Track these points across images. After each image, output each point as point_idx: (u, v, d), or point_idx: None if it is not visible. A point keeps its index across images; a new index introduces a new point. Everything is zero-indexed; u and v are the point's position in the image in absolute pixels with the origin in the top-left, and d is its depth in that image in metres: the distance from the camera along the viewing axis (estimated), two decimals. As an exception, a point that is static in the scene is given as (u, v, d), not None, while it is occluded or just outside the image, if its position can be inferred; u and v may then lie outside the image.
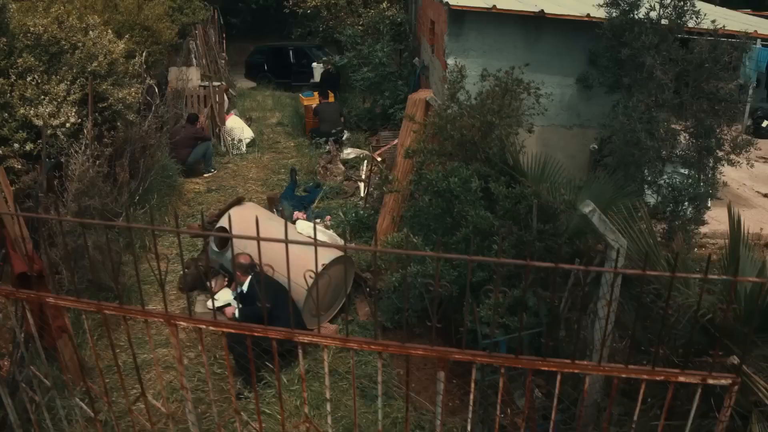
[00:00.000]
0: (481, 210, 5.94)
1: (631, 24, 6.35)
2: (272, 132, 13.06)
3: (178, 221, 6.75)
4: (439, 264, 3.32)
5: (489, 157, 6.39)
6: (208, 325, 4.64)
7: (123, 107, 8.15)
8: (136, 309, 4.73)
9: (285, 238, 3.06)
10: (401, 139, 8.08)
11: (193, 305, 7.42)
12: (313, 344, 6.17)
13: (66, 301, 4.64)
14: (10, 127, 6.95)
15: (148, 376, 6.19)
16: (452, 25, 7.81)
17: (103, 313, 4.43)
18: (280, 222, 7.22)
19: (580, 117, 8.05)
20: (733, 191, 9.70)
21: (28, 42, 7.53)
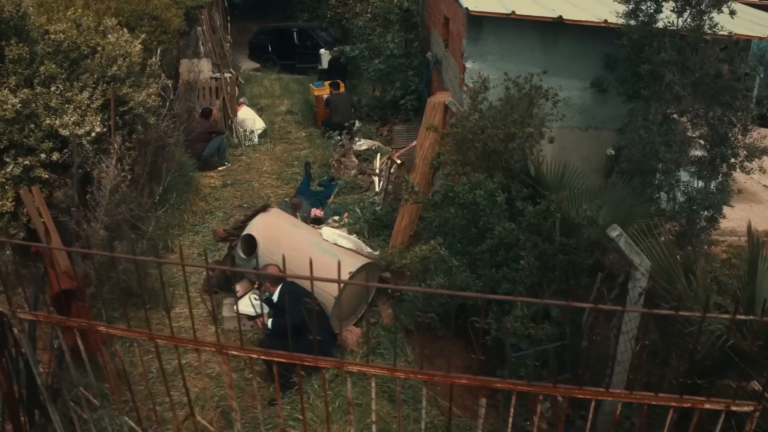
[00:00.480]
0: (506, 222, 6.16)
1: (650, 38, 6.50)
2: (283, 121, 13.18)
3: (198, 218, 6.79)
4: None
5: (511, 166, 6.59)
6: (259, 356, 4.90)
7: (143, 110, 8.27)
8: (189, 339, 4.99)
9: (338, 279, 3.29)
10: (420, 141, 8.25)
11: (219, 308, 7.66)
12: (344, 347, 6.45)
13: (117, 330, 4.89)
14: (36, 137, 7.08)
15: (194, 390, 6.36)
16: (471, 29, 7.92)
17: (155, 342, 4.69)
18: (307, 229, 7.43)
19: (595, 119, 8.23)
20: (740, 185, 9.93)
21: (48, 49, 7.60)
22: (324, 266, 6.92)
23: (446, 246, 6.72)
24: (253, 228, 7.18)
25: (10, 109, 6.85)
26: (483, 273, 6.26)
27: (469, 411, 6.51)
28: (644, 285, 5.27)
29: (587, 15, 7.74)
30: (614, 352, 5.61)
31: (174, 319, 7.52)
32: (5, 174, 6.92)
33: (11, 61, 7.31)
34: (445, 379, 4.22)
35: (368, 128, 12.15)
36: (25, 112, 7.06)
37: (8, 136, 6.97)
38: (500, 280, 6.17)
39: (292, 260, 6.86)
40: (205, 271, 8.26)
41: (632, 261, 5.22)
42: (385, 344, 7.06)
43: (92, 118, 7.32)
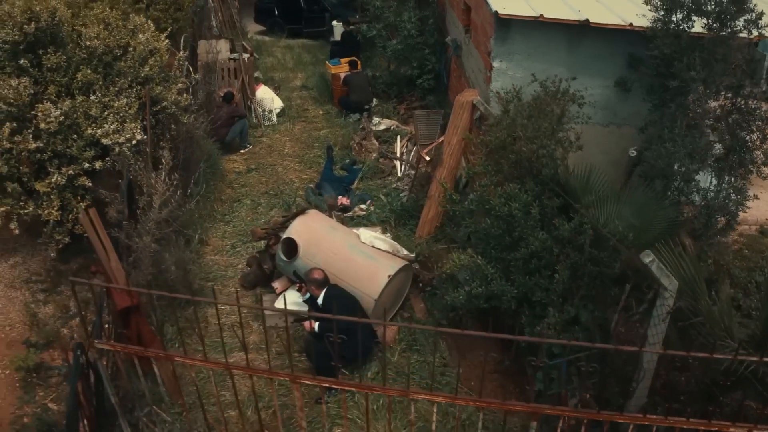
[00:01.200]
0: (539, 233, 6.57)
1: (680, 52, 6.80)
2: (299, 97, 13.38)
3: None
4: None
5: (542, 175, 6.95)
6: (330, 384, 5.40)
7: (176, 109, 8.51)
8: (263, 369, 5.48)
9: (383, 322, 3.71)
10: (447, 137, 8.58)
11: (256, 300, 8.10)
12: (382, 348, 6.93)
13: (194, 360, 5.36)
14: (78, 146, 7.36)
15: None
16: (499, 30, 8.15)
17: (230, 372, 5.18)
18: (344, 231, 7.82)
19: (616, 116, 8.55)
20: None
21: (83, 54, 7.78)
22: (363, 269, 7.41)
23: (480, 251, 7.17)
24: (294, 231, 7.56)
25: (54, 122, 7.11)
26: (517, 280, 6.70)
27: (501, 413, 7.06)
28: (671, 304, 5.74)
29: (613, 16, 7.97)
30: (641, 360, 6.11)
31: (214, 316, 7.97)
32: (50, 183, 7.24)
33: (49, 70, 7.52)
34: (501, 406, 4.74)
35: (385, 107, 12.38)
36: (67, 123, 7.31)
37: (51, 147, 7.26)
38: (533, 287, 6.62)
39: (332, 263, 7.39)
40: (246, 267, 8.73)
41: (662, 283, 5.66)
42: (421, 340, 7.58)
43: (131, 125, 7.58)
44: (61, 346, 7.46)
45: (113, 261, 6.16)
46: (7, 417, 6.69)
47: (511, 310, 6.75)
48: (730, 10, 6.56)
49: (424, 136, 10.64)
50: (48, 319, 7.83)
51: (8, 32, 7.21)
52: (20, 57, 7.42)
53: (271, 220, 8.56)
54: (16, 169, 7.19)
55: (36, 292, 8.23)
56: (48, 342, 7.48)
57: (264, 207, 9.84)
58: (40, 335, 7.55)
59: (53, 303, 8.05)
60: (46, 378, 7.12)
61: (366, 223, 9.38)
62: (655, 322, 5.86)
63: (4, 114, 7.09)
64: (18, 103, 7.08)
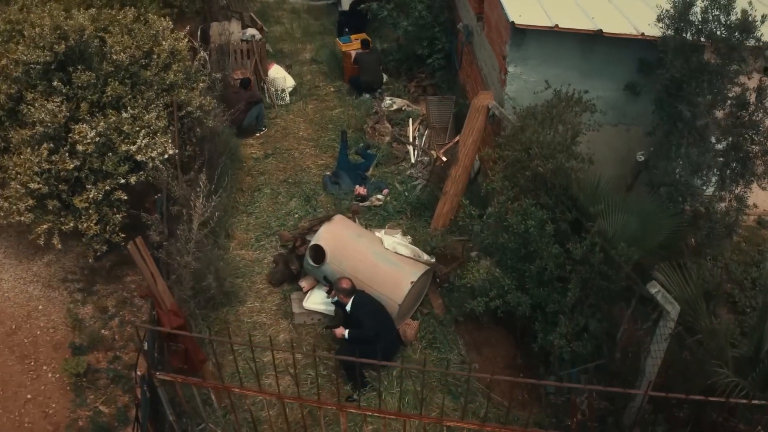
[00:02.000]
0: (553, 247, 7.09)
1: (689, 75, 7.17)
2: (309, 72, 13.59)
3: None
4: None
5: (556, 190, 7.44)
6: (373, 412, 6.03)
7: (202, 113, 8.86)
8: (312, 400, 6.09)
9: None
10: (463, 138, 8.98)
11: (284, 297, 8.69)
12: (407, 342, 7.54)
13: (250, 391, 5.97)
14: (112, 162, 7.77)
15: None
16: (514, 36, 8.43)
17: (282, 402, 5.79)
18: (369, 239, 8.32)
19: (625, 116, 8.92)
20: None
21: (110, 68, 8.07)
22: (387, 275, 7.99)
23: (497, 261, 7.72)
24: (321, 239, 8.07)
25: (90, 142, 7.50)
26: (531, 290, 7.28)
27: (516, 401, 7.78)
28: (672, 327, 6.33)
29: (626, 25, 8.23)
30: (643, 367, 6.76)
31: (247, 314, 8.59)
32: (87, 199, 7.70)
33: (79, 88, 7.83)
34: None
35: (396, 86, 12.65)
36: (101, 141, 7.69)
37: (88, 165, 7.67)
38: (546, 298, 7.21)
39: (358, 269, 7.97)
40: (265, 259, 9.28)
41: (666, 310, 6.24)
42: (440, 338, 8.21)
43: (162, 140, 7.97)
44: (105, 349, 8.10)
45: (160, 285, 6.68)
46: (64, 420, 7.37)
47: (525, 316, 7.37)
48: (737, 37, 6.91)
49: (436, 120, 11.02)
50: (88, 320, 8.43)
51: (40, 54, 7.50)
52: (51, 76, 7.73)
53: (298, 225, 9.01)
54: (55, 187, 7.62)
55: (73, 292, 8.79)
56: (92, 344, 8.10)
57: (284, 197, 10.30)
58: (83, 338, 8.16)
59: (91, 303, 8.62)
60: (95, 381, 7.76)
61: (383, 213, 9.90)
62: (658, 340, 6.46)
63: (40, 135, 7.46)
64: (54, 125, 7.44)
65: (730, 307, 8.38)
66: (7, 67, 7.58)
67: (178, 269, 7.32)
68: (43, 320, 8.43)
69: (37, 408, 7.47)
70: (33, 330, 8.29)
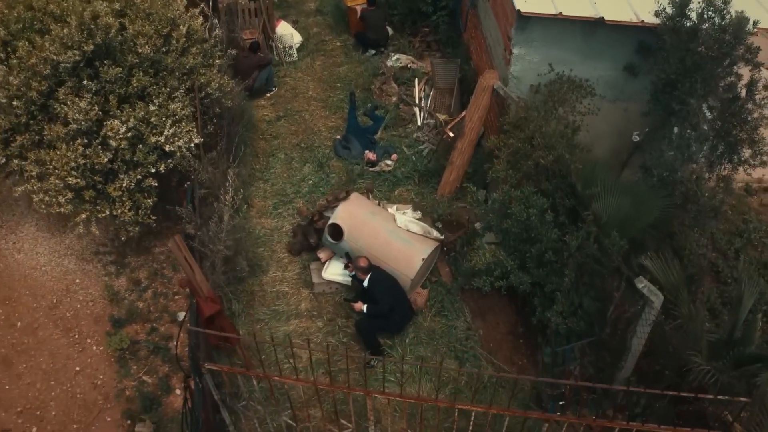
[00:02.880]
0: (553, 232, 7.88)
1: (684, 74, 7.75)
2: (315, 25, 13.85)
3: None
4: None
5: (557, 178, 8.16)
6: (396, 397, 6.93)
7: (221, 94, 9.40)
8: (343, 387, 6.97)
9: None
10: (469, 114, 9.58)
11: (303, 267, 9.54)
12: (417, 311, 8.43)
13: (289, 379, 6.86)
14: (143, 153, 8.41)
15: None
16: (520, 20, 8.87)
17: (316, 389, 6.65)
18: (382, 217, 9.07)
19: (623, 93, 9.45)
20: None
21: (135, 60, 8.55)
22: (400, 252, 8.84)
23: (500, 241, 8.53)
24: (339, 218, 8.83)
25: (122, 137, 8.12)
26: (531, 271, 8.13)
27: (515, 366, 8.78)
28: (655, 315, 7.21)
29: (627, 11, 8.66)
30: (629, 345, 7.69)
31: (270, 284, 9.45)
32: (121, 187, 8.39)
33: (107, 82, 8.35)
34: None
35: (401, 42, 13.01)
36: (132, 134, 8.30)
37: (121, 157, 8.31)
38: (545, 278, 8.06)
39: (373, 245, 8.81)
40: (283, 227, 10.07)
41: (650, 300, 7.10)
42: (448, 306, 9.12)
43: (187, 128, 8.57)
44: (142, 321, 8.99)
45: (198, 276, 7.50)
46: (112, 391, 8.37)
47: (526, 292, 8.26)
48: (729, 41, 7.46)
49: (441, 81, 11.52)
50: (123, 292, 9.29)
51: (70, 54, 7.99)
52: (80, 72, 8.24)
53: (316, 202, 9.68)
54: (91, 179, 8.29)
55: (106, 265, 9.63)
56: (129, 317, 9.00)
57: (297, 162, 10.96)
58: (120, 311, 9.05)
59: (124, 276, 9.47)
60: (136, 352, 8.71)
61: (392, 179, 10.61)
62: (643, 324, 7.36)
63: (74, 132, 8.07)
64: (87, 122, 8.03)
65: (714, 276, 9.32)
66: (36, 65, 8.05)
67: (212, 256, 8.12)
68: (81, 293, 9.30)
69: (86, 379, 8.45)
70: (73, 304, 9.18)
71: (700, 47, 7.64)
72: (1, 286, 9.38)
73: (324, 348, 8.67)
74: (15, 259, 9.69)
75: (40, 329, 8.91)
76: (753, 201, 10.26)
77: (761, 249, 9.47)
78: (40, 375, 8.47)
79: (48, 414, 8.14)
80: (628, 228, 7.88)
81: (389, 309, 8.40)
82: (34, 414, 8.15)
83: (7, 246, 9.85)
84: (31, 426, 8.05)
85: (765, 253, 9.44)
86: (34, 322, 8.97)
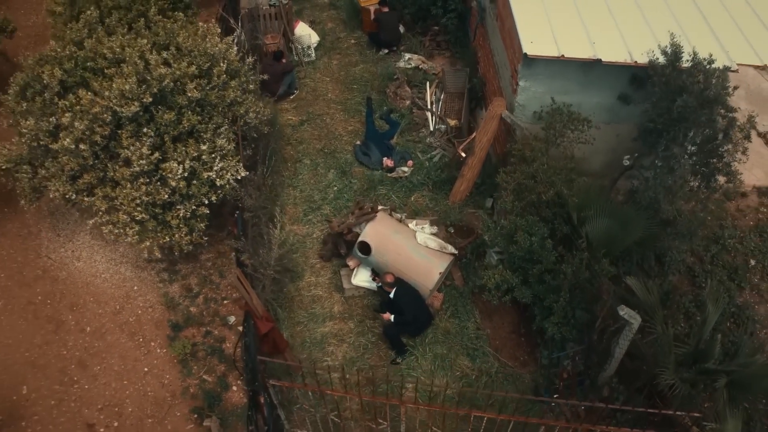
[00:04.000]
0: (552, 256, 9.69)
1: (670, 124, 9.39)
2: (329, 20, 15.13)
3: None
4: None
5: (555, 207, 9.90)
6: (425, 407, 8.89)
7: (258, 123, 10.97)
8: (383, 398, 8.83)
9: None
10: (479, 136, 11.21)
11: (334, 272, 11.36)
12: (434, 313, 10.33)
13: (334, 392, 8.76)
14: (196, 186, 10.06)
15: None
16: (526, 59, 10.38)
17: (360, 399, 8.55)
18: (404, 235, 10.83)
19: (617, 116, 11.02)
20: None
21: (184, 101, 10.06)
22: (420, 266, 10.67)
23: (506, 259, 10.34)
24: (367, 236, 10.60)
25: (179, 177, 9.75)
26: (533, 286, 9.97)
27: (518, 361, 10.75)
28: (633, 333, 9.09)
29: (623, 52, 10.11)
30: (613, 353, 9.62)
31: (306, 288, 11.29)
32: (178, 216, 10.08)
33: (162, 125, 9.89)
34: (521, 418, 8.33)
35: (413, 41, 14.38)
36: (187, 173, 9.93)
37: (178, 192, 9.96)
38: (544, 293, 9.92)
39: (397, 260, 10.66)
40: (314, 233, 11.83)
41: (629, 321, 8.98)
42: (460, 309, 11.01)
43: (233, 161, 10.20)
44: (197, 325, 10.86)
45: (255, 300, 9.33)
46: (178, 389, 10.30)
47: (527, 303, 10.14)
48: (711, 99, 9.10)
49: (452, 86, 13.05)
50: (178, 299, 11.13)
51: (132, 106, 9.52)
52: (139, 118, 9.78)
53: (346, 220, 11.34)
54: (153, 211, 9.97)
55: (159, 272, 11.43)
56: (186, 322, 10.86)
57: (322, 168, 12.61)
58: (177, 317, 10.91)
59: (177, 283, 11.28)
60: (195, 353, 10.60)
61: (408, 185, 12.31)
62: (624, 338, 9.25)
63: (137, 173, 9.69)
64: (149, 165, 9.66)
65: (690, 279, 11.21)
66: (100, 113, 9.58)
67: (263, 279, 9.94)
68: (140, 300, 11.14)
69: (154, 379, 10.38)
70: (135, 309, 11.03)
71: (686, 100, 9.23)
72: (68, 293, 11.21)
73: (357, 347, 10.65)
74: (76, 267, 11.48)
75: (108, 333, 10.78)
76: (731, 206, 12.00)
77: (734, 254, 11.34)
78: (113, 375, 10.38)
79: (125, 410, 10.08)
80: (617, 245, 9.74)
81: (413, 318, 10.30)
82: (113, 410, 10.08)
83: (66, 254, 11.63)
84: (113, 420, 10.00)
85: (737, 258, 11.32)
86: (101, 327, 10.83)
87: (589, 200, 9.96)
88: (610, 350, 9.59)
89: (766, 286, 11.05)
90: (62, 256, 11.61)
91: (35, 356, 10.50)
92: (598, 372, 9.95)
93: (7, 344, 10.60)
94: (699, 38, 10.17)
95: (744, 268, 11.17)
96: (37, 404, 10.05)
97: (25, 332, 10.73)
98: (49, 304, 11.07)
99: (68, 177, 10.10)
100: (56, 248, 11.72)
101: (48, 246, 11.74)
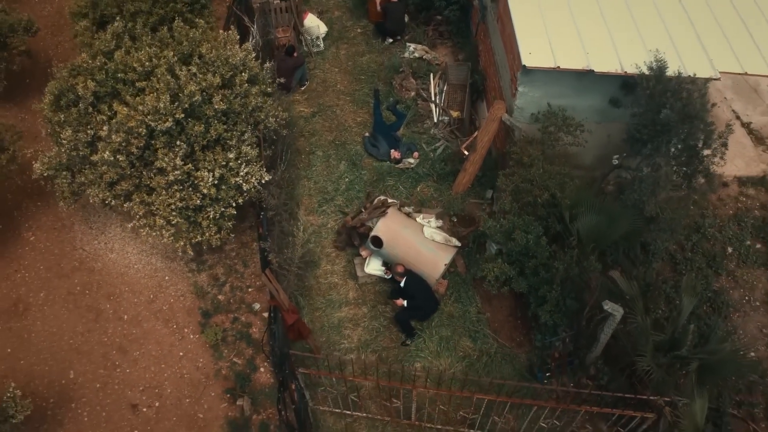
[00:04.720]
0: (546, 253, 11.16)
1: (654, 135, 10.72)
2: (336, 8, 16.16)
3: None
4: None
5: (550, 207, 11.32)
6: (442, 391, 10.53)
7: (278, 126, 12.24)
8: (397, 383, 10.46)
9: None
10: (481, 135, 12.52)
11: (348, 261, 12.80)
12: (440, 298, 11.87)
13: (356, 378, 10.35)
14: (225, 191, 11.40)
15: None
16: (524, 68, 11.62)
17: (378, 383, 10.18)
18: (413, 230, 12.25)
19: (607, 117, 12.27)
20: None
21: (212, 112, 11.30)
22: (428, 259, 12.14)
23: (504, 252, 11.79)
24: (379, 231, 12.02)
25: (211, 185, 11.08)
26: (528, 278, 11.45)
27: (515, 342, 12.31)
28: (616, 323, 10.61)
29: (614, 62, 11.34)
30: (599, 338, 11.18)
31: (323, 276, 12.75)
32: (208, 217, 11.45)
33: (193, 136, 11.16)
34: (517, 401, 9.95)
35: (417, 32, 15.47)
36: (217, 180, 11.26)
37: (209, 197, 11.31)
38: (538, 284, 11.40)
39: (406, 253, 12.17)
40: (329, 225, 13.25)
41: (613, 313, 10.49)
42: (463, 295, 12.50)
43: (257, 166, 11.52)
44: (225, 312, 12.35)
45: (282, 295, 10.80)
46: (212, 371, 11.85)
47: (523, 292, 11.65)
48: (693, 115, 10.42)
49: (454, 78, 14.27)
50: (206, 287, 12.59)
51: (165, 120, 10.77)
52: (171, 131, 11.05)
53: (358, 216, 12.69)
54: (186, 215, 11.34)
55: (188, 262, 12.86)
56: (215, 309, 12.34)
57: (334, 159, 13.94)
58: (207, 304, 12.39)
59: (204, 272, 12.73)
60: (225, 338, 12.12)
61: (414, 175, 13.67)
62: (608, 326, 10.79)
63: (171, 182, 11.03)
64: (183, 174, 10.98)
65: (672, 266, 12.70)
66: (136, 127, 10.83)
67: (288, 275, 11.39)
68: (172, 289, 12.60)
69: (189, 363, 11.92)
70: (167, 298, 12.51)
71: (668, 114, 10.53)
72: (104, 283, 12.66)
73: (370, 331, 12.17)
74: (110, 259, 12.91)
75: (144, 321, 12.27)
76: (712, 196, 13.38)
77: (713, 242, 12.80)
78: (151, 360, 11.92)
79: (164, 391, 11.64)
80: (605, 239, 11.23)
81: (422, 304, 11.81)
82: (154, 392, 11.64)
83: (100, 246, 13.04)
84: (154, 401, 11.57)
85: (716, 246, 12.78)
86: (137, 315, 12.32)
87: (580, 199, 11.38)
88: (597, 335, 11.16)
89: (741, 272, 12.53)
90: (96, 248, 13.01)
91: (79, 343, 12.00)
92: (585, 353, 11.52)
93: (52, 332, 12.09)
94: (685, 47, 11.44)
95: (722, 255, 12.63)
96: (84, 387, 11.59)
97: (68, 321, 12.21)
98: (88, 294, 12.52)
99: (107, 184, 11.41)
100: (89, 240, 13.11)
101: (82, 238, 13.13)
